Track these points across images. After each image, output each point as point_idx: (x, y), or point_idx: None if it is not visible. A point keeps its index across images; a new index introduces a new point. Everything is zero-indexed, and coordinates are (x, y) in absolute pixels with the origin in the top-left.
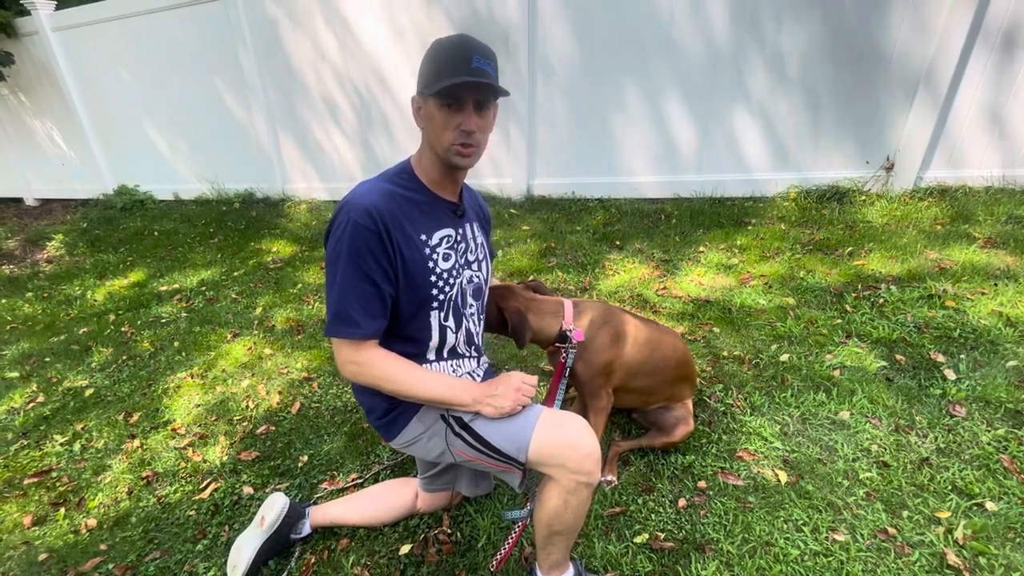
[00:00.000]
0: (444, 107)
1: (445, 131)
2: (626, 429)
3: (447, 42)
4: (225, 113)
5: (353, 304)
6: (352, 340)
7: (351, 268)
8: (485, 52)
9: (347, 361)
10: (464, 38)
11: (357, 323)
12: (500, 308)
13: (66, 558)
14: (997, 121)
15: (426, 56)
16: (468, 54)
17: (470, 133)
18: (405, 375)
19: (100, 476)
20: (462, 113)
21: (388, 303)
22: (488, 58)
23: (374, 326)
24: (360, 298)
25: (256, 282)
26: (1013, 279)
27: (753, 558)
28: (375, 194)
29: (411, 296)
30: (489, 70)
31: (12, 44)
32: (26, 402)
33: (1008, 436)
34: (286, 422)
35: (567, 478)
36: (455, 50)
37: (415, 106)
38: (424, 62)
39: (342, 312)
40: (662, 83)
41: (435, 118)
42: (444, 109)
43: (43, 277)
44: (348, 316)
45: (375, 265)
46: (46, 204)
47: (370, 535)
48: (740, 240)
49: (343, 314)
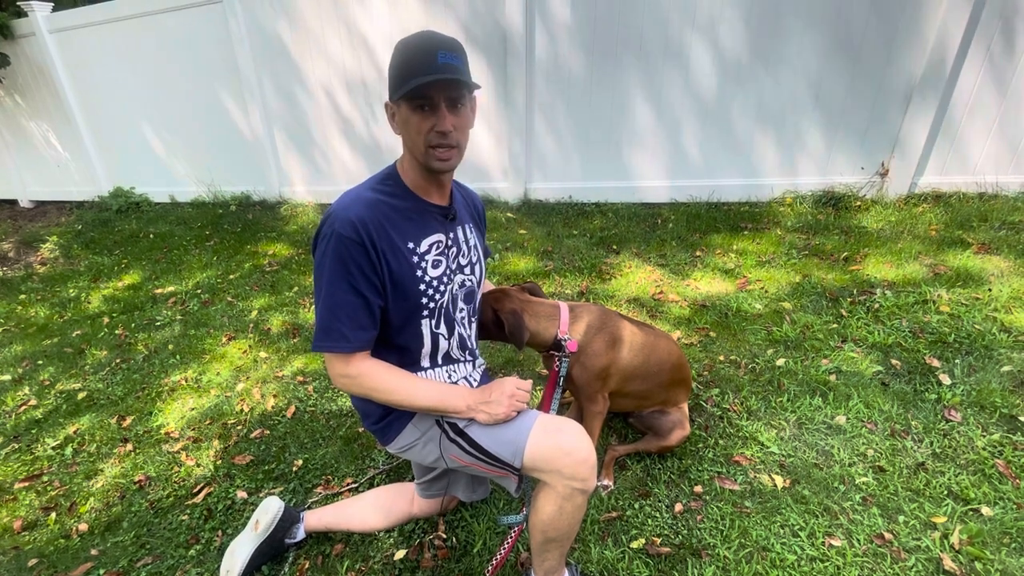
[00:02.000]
0: (416, 109)
1: (420, 134)
2: (623, 434)
3: (410, 41)
4: (222, 115)
5: (340, 317)
6: (341, 354)
7: (337, 281)
8: (450, 45)
9: (339, 375)
10: (427, 34)
11: (345, 336)
12: (495, 311)
13: (57, 563)
14: (991, 128)
15: (392, 59)
16: (432, 50)
17: (446, 133)
18: (398, 385)
19: (92, 480)
20: (435, 114)
21: (377, 313)
22: (454, 51)
23: (363, 338)
24: (347, 311)
25: (252, 285)
26: (1007, 284)
27: (750, 563)
28: (359, 204)
29: (400, 305)
30: (457, 64)
31: (8, 46)
32: (18, 405)
33: (1003, 441)
34: (281, 426)
35: (562, 484)
36: (419, 48)
37: (389, 113)
38: (390, 66)
39: (329, 326)
40: (661, 88)
41: (409, 122)
42: (417, 112)
43: (37, 279)
44: (335, 330)
45: (361, 277)
46: (41, 206)
47: (365, 540)
48: (737, 245)
49: (330, 328)
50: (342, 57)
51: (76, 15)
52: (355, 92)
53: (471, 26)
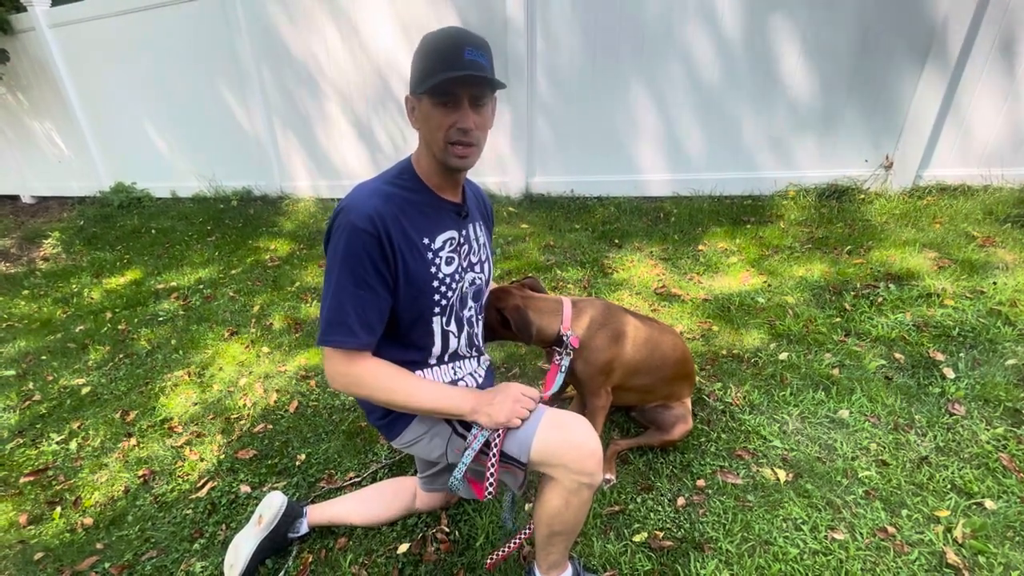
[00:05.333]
0: (439, 105)
1: (440, 130)
2: (625, 428)
3: (437, 35)
4: (223, 110)
5: (349, 312)
6: (345, 350)
7: (348, 274)
8: (478, 43)
9: (339, 373)
10: (455, 30)
11: (353, 331)
12: (499, 309)
13: (62, 557)
14: (997, 120)
15: (416, 52)
16: (460, 46)
17: (467, 131)
18: (400, 386)
19: (96, 475)
20: (458, 110)
21: (385, 314)
22: (481, 49)
23: (368, 337)
24: (356, 306)
25: (254, 280)
26: (1012, 278)
27: (752, 557)
28: (376, 197)
29: (413, 302)
30: (483, 62)
31: (8, 41)
32: (22, 400)
33: (1007, 435)
34: (284, 421)
35: (569, 478)
36: (446, 43)
37: (409, 107)
38: (415, 59)
39: (337, 319)
40: (663, 80)
41: (430, 117)
42: (439, 107)
43: (39, 275)
44: (343, 324)
45: (373, 271)
46: (43, 202)
47: (368, 534)
48: (739, 239)
49: (338, 321)
50: (342, 50)
51: (76, 10)
52: (355, 85)
53: (471, 16)
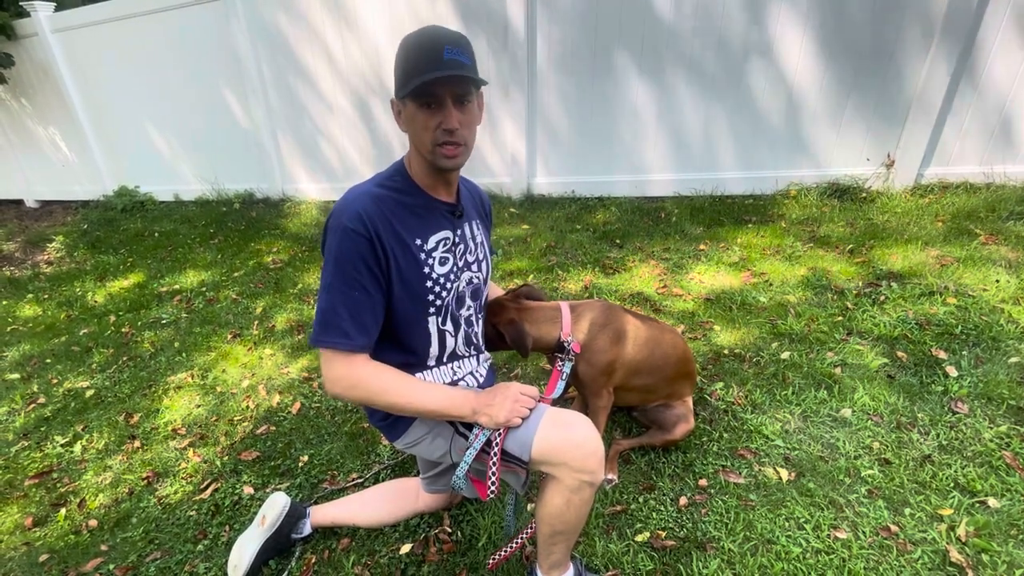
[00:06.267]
0: (423, 107)
1: (426, 132)
2: (627, 427)
3: (415, 36)
4: (225, 113)
5: (342, 313)
6: (342, 352)
7: (341, 275)
8: (457, 41)
9: (338, 377)
10: (432, 29)
11: (347, 333)
12: (494, 324)
13: (67, 559)
14: (998, 118)
15: (397, 56)
16: (438, 46)
17: (452, 131)
18: (401, 389)
19: (101, 477)
20: (442, 111)
21: (379, 315)
22: (460, 46)
23: (363, 339)
24: (350, 307)
25: (256, 283)
26: (1015, 275)
27: (755, 556)
28: (366, 199)
29: (407, 303)
30: (463, 60)
31: (11, 46)
32: (27, 403)
33: (1010, 433)
34: (286, 422)
35: (571, 477)
36: (424, 44)
37: (395, 110)
38: (396, 63)
39: (330, 321)
40: (664, 80)
41: (415, 120)
42: (423, 109)
43: (44, 279)
44: (337, 325)
45: (366, 272)
46: (46, 206)
47: (371, 535)
48: (741, 238)
49: (331, 322)
50: (342, 51)
51: (78, 14)
52: (356, 86)
53: (471, 16)
